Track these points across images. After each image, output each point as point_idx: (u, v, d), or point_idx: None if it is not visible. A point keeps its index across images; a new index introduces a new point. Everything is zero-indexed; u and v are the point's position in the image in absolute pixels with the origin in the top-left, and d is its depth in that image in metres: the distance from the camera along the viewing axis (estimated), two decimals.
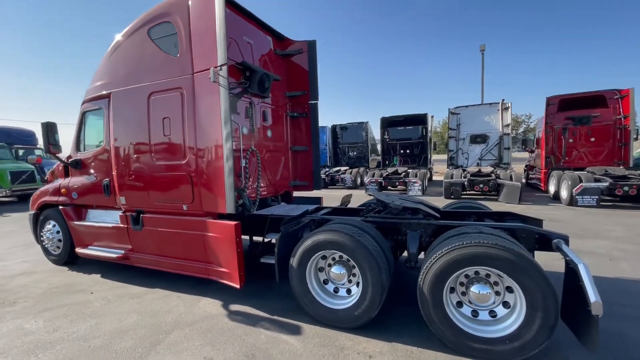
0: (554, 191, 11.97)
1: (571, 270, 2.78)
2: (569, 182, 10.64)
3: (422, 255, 3.76)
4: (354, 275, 3.52)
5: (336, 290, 3.71)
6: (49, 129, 5.42)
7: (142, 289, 4.78)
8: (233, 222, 3.99)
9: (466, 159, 15.68)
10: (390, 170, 15.84)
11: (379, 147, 21.41)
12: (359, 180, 18.31)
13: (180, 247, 4.56)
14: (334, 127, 21.93)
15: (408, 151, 18.54)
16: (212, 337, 3.40)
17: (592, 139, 12.57)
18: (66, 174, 6.03)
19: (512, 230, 3.49)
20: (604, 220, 8.50)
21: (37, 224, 6.46)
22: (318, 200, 6.36)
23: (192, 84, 4.17)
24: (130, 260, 5.08)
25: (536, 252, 3.50)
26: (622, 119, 12.08)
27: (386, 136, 18.80)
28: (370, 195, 4.52)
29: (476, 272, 3.01)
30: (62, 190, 5.93)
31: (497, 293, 3.00)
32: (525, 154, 18.91)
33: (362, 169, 19.55)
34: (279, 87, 5.89)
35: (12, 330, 3.70)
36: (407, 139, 18.46)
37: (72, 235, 5.87)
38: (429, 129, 18.89)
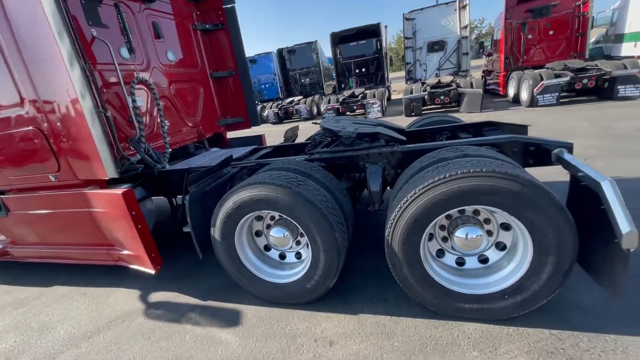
0: (513, 94, 11.49)
1: (583, 190, 1.99)
2: (530, 82, 10.08)
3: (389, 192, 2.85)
4: (302, 235, 2.58)
5: (282, 256, 2.80)
6: None
7: (34, 291, 3.61)
8: (120, 190, 2.76)
9: (424, 70, 14.58)
10: (346, 93, 14.43)
11: (333, 73, 19.48)
12: (315, 110, 16.83)
13: (66, 231, 3.32)
14: (280, 52, 19.30)
15: (364, 70, 16.98)
16: (116, 354, 2.45)
17: (551, 32, 11.82)
18: None
19: (499, 145, 2.62)
20: (567, 118, 8.18)
21: None
22: (259, 139, 5.11)
23: None
24: (12, 255, 3.79)
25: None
26: (581, 4, 11.24)
27: (339, 55, 16.91)
28: (316, 124, 3.30)
29: (461, 211, 2.17)
30: None
31: (489, 233, 2.22)
32: (480, 62, 18.15)
33: (317, 96, 17.83)
34: None
35: None
36: (362, 55, 16.72)
37: None
38: (384, 41, 17.13)
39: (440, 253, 2.38)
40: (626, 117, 7.27)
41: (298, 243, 2.70)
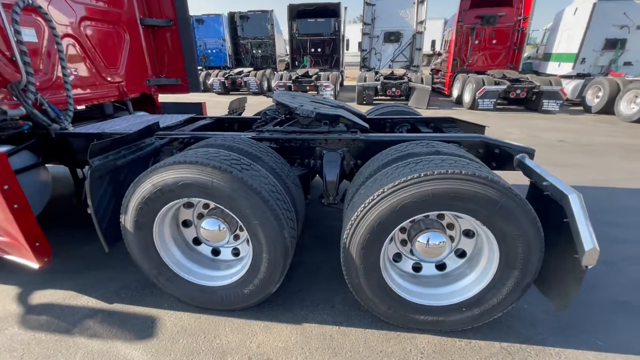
0: (457, 95, 12.12)
1: (544, 200, 1.90)
2: (473, 85, 10.66)
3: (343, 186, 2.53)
4: (243, 229, 2.13)
5: (216, 252, 2.32)
6: None
7: None
8: None
9: (379, 60, 14.59)
10: (300, 72, 13.77)
11: (287, 48, 18.41)
12: (265, 85, 15.82)
13: None
14: (231, 16, 17.54)
15: (319, 50, 16.40)
16: None
17: (494, 41, 12.66)
18: None
19: (465, 144, 2.45)
20: (502, 123, 8.81)
21: None
22: (198, 107, 4.37)
23: None
24: None
25: None
26: (522, 20, 12.16)
27: (295, 30, 16.02)
28: (270, 98, 2.76)
29: (425, 215, 1.94)
30: None
31: (451, 238, 2.05)
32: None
33: (268, 71, 16.75)
34: None
35: None
36: (318, 34, 16.05)
37: None
38: (342, 23, 16.66)
39: (398, 257, 2.15)
40: (549, 129, 8.07)
41: (237, 238, 2.25)
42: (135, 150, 2.34)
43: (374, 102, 11.86)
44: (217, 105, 4.07)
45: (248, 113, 4.40)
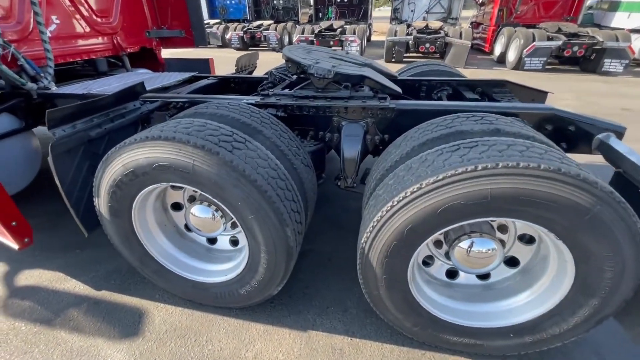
0: (499, 53, 10.68)
1: (636, 198, 1.36)
2: (521, 41, 9.27)
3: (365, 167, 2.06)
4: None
5: (212, 240, 1.99)
6: None
7: None
8: None
9: (412, 11, 13.10)
10: (324, 25, 12.57)
11: None
12: (286, 39, 14.75)
13: None
14: None
15: (346, 0, 14.87)
16: None
17: None
18: None
19: (530, 118, 1.87)
20: (551, 86, 7.67)
21: None
22: (205, 64, 3.87)
23: None
24: None
25: None
26: None
27: None
28: (279, 53, 2.23)
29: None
30: None
31: (502, 242, 1.57)
32: (469, 13, 16.71)
33: (290, 24, 15.53)
34: None
35: None
36: None
37: None
38: None
39: (429, 259, 1.73)
40: (610, 94, 6.93)
41: (235, 225, 1.88)
42: (115, 117, 1.95)
43: (405, 59, 10.76)
44: (233, 62, 3.53)
45: (262, 71, 3.87)
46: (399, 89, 2.10)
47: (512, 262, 1.63)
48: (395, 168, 1.52)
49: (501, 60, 10.61)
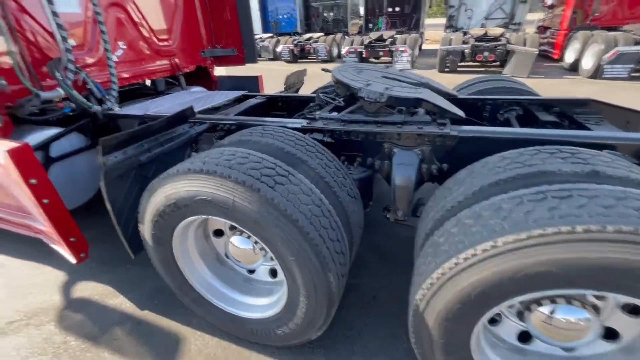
0: (572, 60, 9.57)
1: None
2: (602, 46, 8.20)
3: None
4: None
5: (251, 270, 1.90)
6: None
7: None
8: (15, 143, 1.78)
9: (469, 17, 12.35)
10: (373, 35, 12.39)
11: (362, 9, 16.82)
12: (335, 51, 14.84)
13: None
14: None
15: (397, 9, 14.57)
16: None
17: None
18: None
19: (628, 151, 1.51)
20: (638, 97, 6.64)
21: None
22: (254, 82, 3.93)
23: None
24: None
25: None
26: None
27: None
28: (325, 71, 2.11)
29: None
30: None
31: (595, 309, 1.25)
32: (535, 16, 15.37)
33: (339, 35, 15.64)
34: None
35: None
36: None
37: None
38: None
39: (497, 316, 1.44)
40: None
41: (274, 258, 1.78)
42: (165, 141, 1.98)
43: (459, 69, 10.15)
44: (284, 74, 3.53)
45: (314, 83, 3.81)
46: (461, 113, 1.85)
47: (610, 334, 1.30)
48: (459, 211, 1.29)
49: (573, 68, 9.50)
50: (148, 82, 3.53)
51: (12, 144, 1.74)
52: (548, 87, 8.01)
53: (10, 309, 2.18)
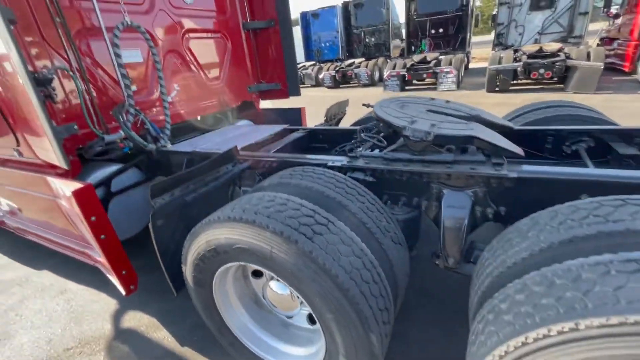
0: None
1: None
2: None
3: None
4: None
5: (289, 315, 1.83)
6: None
7: (23, 272, 3.19)
8: (79, 184, 1.95)
9: (520, 34, 11.69)
10: (416, 58, 12.24)
11: (403, 31, 16.89)
12: (377, 75, 14.92)
13: (38, 215, 2.75)
14: (345, 5, 17.18)
15: (441, 30, 14.33)
16: None
17: None
18: None
19: None
20: None
21: None
22: (297, 114, 4.01)
23: None
24: (8, 225, 3.40)
25: None
26: None
27: (413, 12, 14.41)
28: (366, 107, 2.05)
29: None
30: None
31: None
32: (596, 26, 14.12)
33: (381, 59, 15.74)
34: None
35: None
36: (441, 12, 13.99)
37: None
38: None
39: None
40: None
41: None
42: (209, 181, 2.04)
43: (512, 88, 9.56)
44: (326, 101, 3.55)
45: (353, 114, 3.79)
46: (519, 150, 1.67)
47: None
48: (524, 273, 1.11)
49: None
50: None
51: (77, 185, 1.90)
52: (618, 105, 7.16)
53: (68, 335, 2.33)
